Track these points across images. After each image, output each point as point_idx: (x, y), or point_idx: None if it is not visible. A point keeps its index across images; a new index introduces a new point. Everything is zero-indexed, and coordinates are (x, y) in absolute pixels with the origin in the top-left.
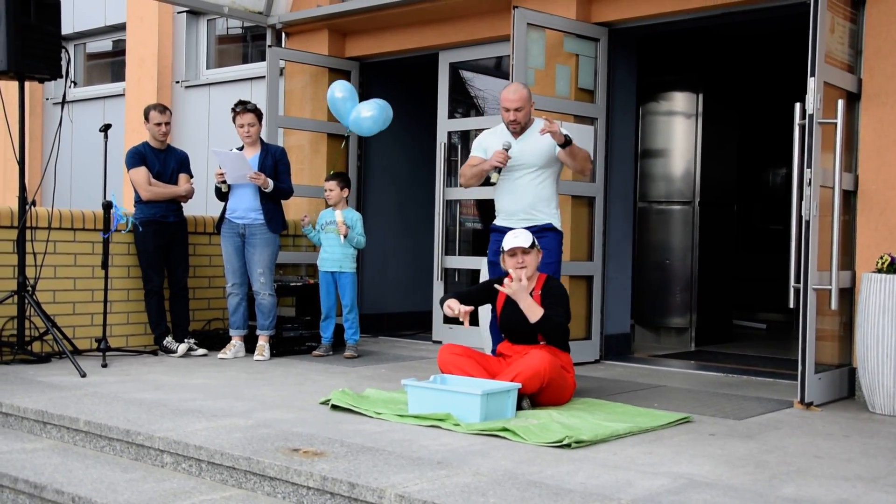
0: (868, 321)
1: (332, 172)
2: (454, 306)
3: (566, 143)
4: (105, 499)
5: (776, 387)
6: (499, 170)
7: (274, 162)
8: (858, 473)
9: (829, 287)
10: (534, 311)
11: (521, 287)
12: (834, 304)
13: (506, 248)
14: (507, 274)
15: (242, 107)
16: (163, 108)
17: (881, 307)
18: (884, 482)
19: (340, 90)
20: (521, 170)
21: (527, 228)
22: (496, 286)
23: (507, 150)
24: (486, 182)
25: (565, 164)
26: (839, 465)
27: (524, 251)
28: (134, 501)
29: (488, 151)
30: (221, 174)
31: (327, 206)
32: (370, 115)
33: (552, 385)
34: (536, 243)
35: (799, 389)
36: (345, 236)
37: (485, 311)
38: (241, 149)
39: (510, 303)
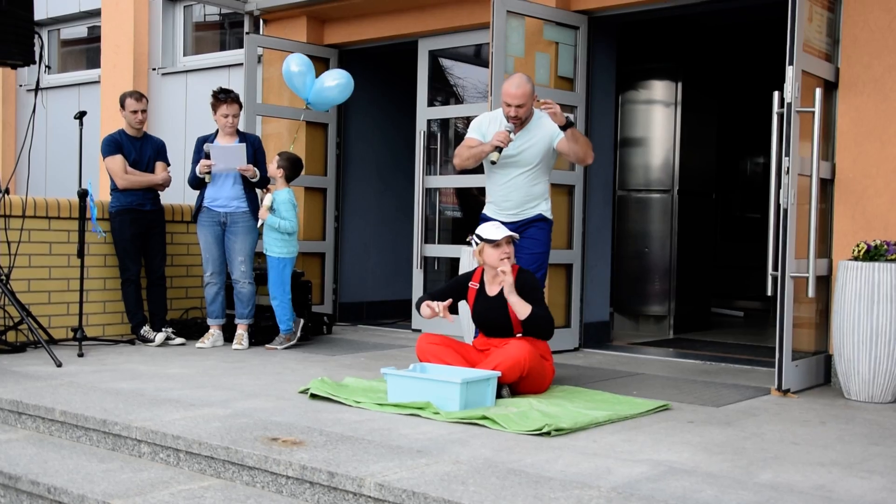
0: (844, 308)
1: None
2: (433, 305)
3: (567, 125)
4: (81, 489)
5: (753, 374)
6: (500, 150)
7: (253, 151)
8: (834, 459)
9: (807, 275)
10: (523, 308)
11: (510, 284)
12: (811, 292)
13: (493, 238)
14: (475, 269)
15: (226, 95)
16: (139, 96)
17: (857, 295)
18: (859, 468)
19: (297, 64)
20: (518, 167)
21: (518, 221)
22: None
23: (510, 133)
24: (470, 170)
25: (565, 153)
26: (816, 451)
27: (508, 241)
28: (111, 492)
29: (486, 136)
30: (209, 166)
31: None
32: (336, 83)
33: (532, 374)
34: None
35: (776, 376)
36: (263, 219)
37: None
38: (214, 135)
39: (481, 298)
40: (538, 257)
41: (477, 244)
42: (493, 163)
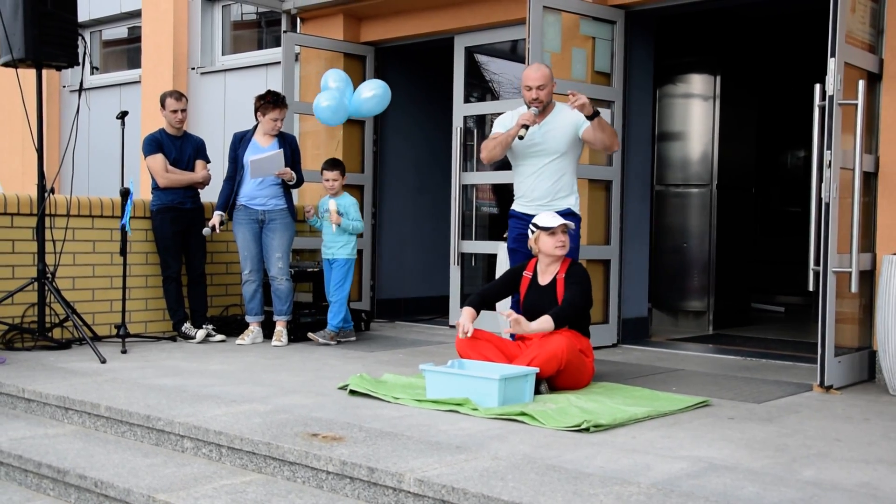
0: (889, 303)
1: (329, 160)
2: (462, 325)
3: (594, 114)
4: (127, 483)
5: (795, 370)
6: (526, 127)
7: (291, 151)
8: (879, 456)
9: (850, 269)
10: (546, 327)
11: (518, 327)
12: (854, 287)
13: (549, 226)
14: (529, 256)
15: (277, 98)
16: (178, 95)
17: None
18: None
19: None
20: (544, 156)
21: None
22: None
23: (534, 115)
24: (507, 165)
25: (591, 142)
26: (859, 448)
27: (564, 230)
28: (155, 486)
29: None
30: (215, 226)
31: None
32: (372, 94)
33: (570, 368)
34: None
35: (818, 372)
36: (337, 225)
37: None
38: (252, 133)
39: (533, 290)
40: (570, 253)
41: (533, 233)
42: (521, 138)
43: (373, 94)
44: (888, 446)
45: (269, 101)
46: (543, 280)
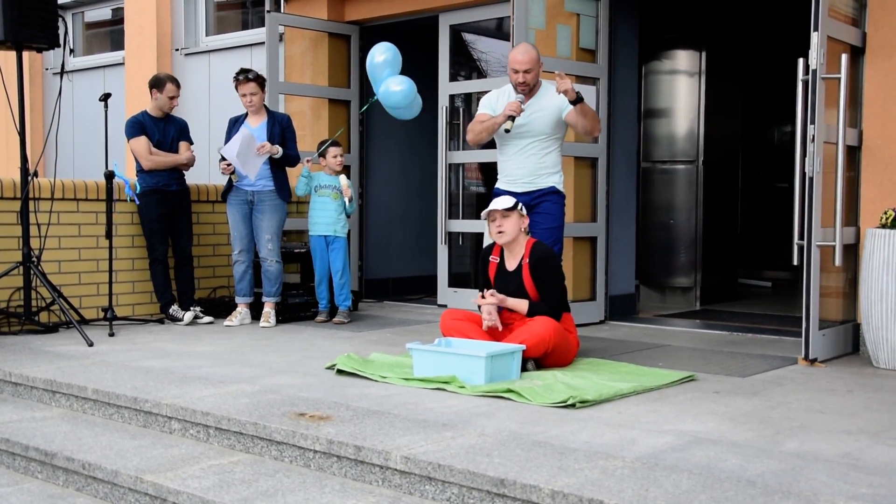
0: (872, 277)
1: (331, 139)
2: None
3: (577, 100)
4: (114, 465)
5: (781, 344)
6: (513, 118)
7: (281, 129)
8: (862, 427)
9: (833, 243)
10: (520, 308)
11: (492, 319)
12: (838, 261)
13: (484, 214)
14: (493, 243)
15: (244, 76)
16: (178, 82)
17: (885, 262)
18: (887, 435)
19: (381, 52)
20: (529, 137)
21: (530, 192)
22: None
23: (521, 103)
24: (493, 144)
25: (572, 125)
26: (843, 419)
27: (503, 214)
28: (143, 467)
29: (497, 111)
30: (228, 166)
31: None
32: (399, 88)
33: (557, 349)
34: (521, 207)
35: (803, 346)
36: (350, 200)
37: None
38: (245, 116)
39: (501, 275)
40: (553, 232)
41: (485, 218)
42: (508, 131)
43: (400, 87)
44: (870, 417)
45: (237, 79)
46: (510, 265)
